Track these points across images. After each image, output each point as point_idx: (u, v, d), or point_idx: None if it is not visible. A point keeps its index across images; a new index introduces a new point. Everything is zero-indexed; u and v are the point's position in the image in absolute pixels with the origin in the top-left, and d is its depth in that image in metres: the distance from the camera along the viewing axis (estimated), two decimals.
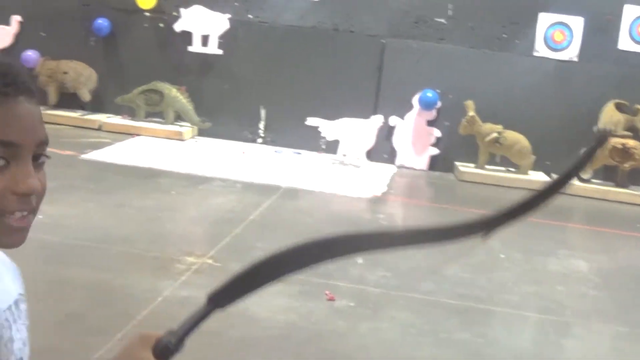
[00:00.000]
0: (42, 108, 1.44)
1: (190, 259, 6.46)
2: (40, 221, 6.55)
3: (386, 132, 11.29)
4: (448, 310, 6.08)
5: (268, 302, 5.84)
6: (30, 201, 1.37)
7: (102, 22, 11.80)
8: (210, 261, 6.48)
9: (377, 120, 11.08)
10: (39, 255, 6.38)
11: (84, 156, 9.82)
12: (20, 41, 12.05)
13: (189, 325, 1.50)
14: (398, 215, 9.16)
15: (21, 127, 1.35)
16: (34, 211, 1.40)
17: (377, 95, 11.38)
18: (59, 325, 5.00)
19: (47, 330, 2.16)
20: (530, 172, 10.85)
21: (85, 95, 11.80)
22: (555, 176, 1.53)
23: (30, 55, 11.84)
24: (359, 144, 11.07)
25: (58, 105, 11.77)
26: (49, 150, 1.40)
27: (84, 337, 4.90)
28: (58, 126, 11.19)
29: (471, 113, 10.62)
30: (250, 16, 11.60)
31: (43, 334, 2.26)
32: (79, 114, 11.88)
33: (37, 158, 1.39)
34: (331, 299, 5.97)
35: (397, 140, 11.35)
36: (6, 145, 1.33)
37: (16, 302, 1.56)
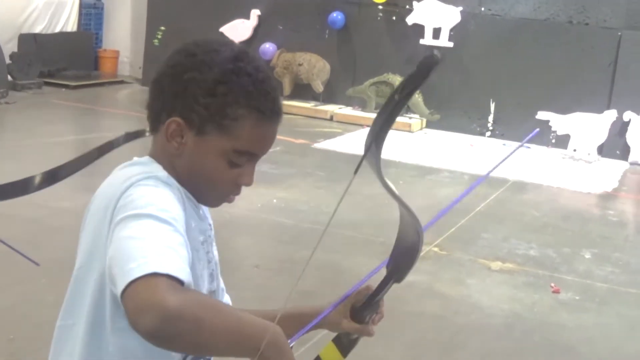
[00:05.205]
0: None
1: None
2: (276, 205, 6.95)
3: (620, 128, 10.94)
4: None
5: (492, 291, 5.89)
6: (241, 190, 1.78)
7: (336, 16, 12.16)
8: (436, 249, 6.59)
9: (610, 115, 10.78)
10: (275, 236, 6.77)
11: (316, 145, 10.18)
12: (259, 34, 12.64)
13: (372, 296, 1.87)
14: (629, 212, 8.89)
15: (268, 145, 1.74)
16: None
17: (611, 89, 11.05)
18: (292, 302, 5.25)
19: (281, 304, 2.33)
20: None
21: (318, 87, 12.20)
22: None
23: (268, 47, 12.39)
24: (590, 139, 10.82)
25: (292, 96, 12.23)
26: (283, 138, 1.66)
27: None
28: (292, 116, 11.65)
29: None
30: (482, 9, 11.59)
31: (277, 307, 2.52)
32: (312, 104, 12.33)
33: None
34: (556, 292, 5.94)
35: (631, 136, 10.96)
36: (252, 155, 1.72)
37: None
